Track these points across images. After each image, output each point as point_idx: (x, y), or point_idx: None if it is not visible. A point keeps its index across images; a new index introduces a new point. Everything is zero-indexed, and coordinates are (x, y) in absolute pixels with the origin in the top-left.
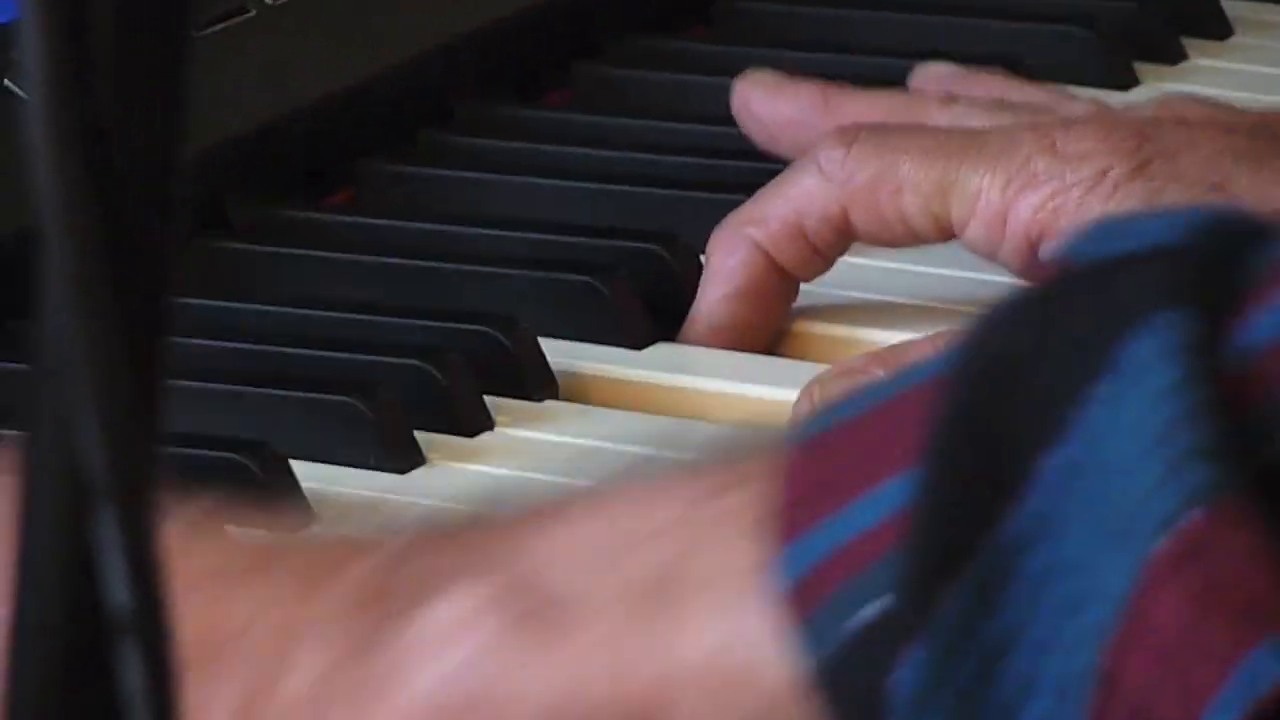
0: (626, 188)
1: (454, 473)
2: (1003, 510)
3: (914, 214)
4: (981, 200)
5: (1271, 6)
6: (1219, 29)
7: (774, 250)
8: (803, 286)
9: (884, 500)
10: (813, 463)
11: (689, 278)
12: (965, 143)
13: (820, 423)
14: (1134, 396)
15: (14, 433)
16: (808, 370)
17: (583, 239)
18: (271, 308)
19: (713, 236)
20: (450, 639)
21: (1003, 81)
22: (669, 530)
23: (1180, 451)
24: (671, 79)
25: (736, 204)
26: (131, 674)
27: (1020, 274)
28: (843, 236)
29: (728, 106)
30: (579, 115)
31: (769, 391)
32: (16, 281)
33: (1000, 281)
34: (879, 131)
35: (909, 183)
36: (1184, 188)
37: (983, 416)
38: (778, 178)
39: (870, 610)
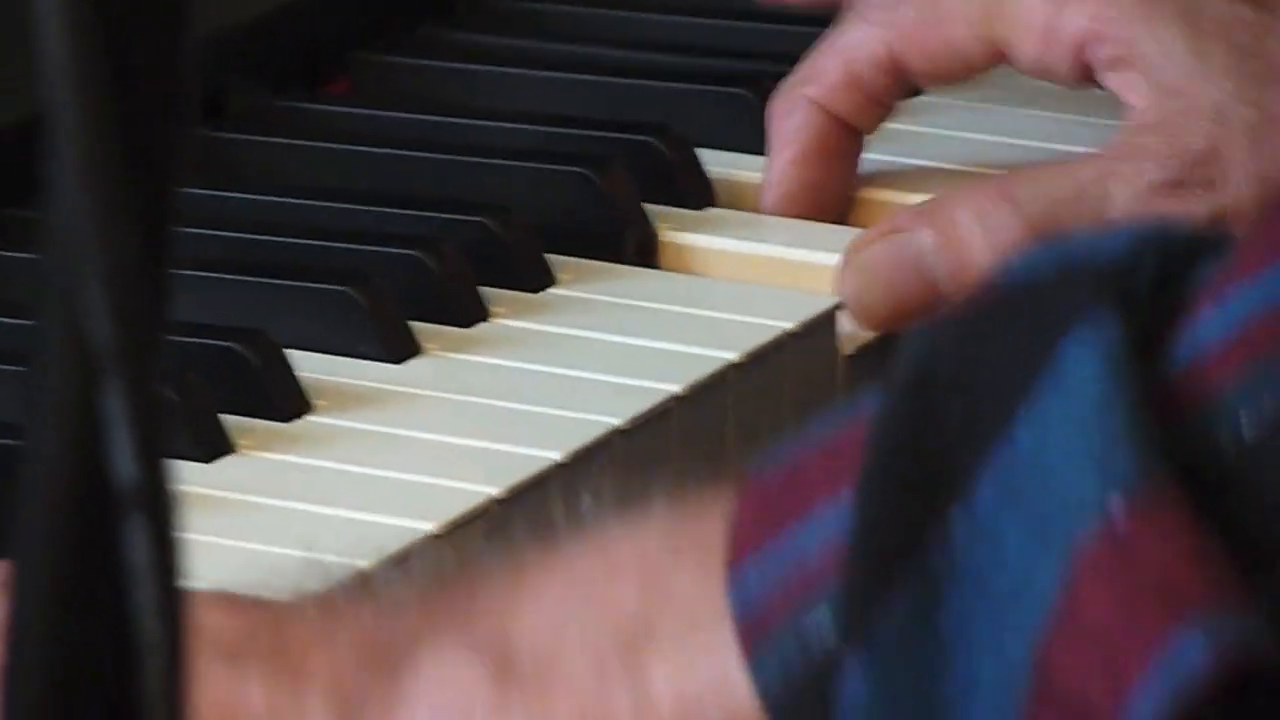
0: (621, 80)
1: (449, 363)
2: (940, 520)
3: (963, 42)
4: (1028, 16)
5: None
6: None
7: (831, 104)
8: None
9: (823, 524)
10: (758, 495)
11: (683, 167)
12: None
13: (770, 457)
14: (1065, 398)
15: (19, 320)
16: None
17: (577, 130)
18: (268, 197)
19: (770, 103)
20: (436, 695)
21: None
22: (627, 573)
23: (1104, 443)
24: None
25: (731, 96)
26: (137, 547)
27: (1073, 86)
28: (896, 80)
29: (721, 1)
30: (575, 8)
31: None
32: (19, 171)
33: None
34: None
35: (954, 13)
36: (1224, 3)
37: (917, 430)
38: (827, 37)
39: (816, 637)
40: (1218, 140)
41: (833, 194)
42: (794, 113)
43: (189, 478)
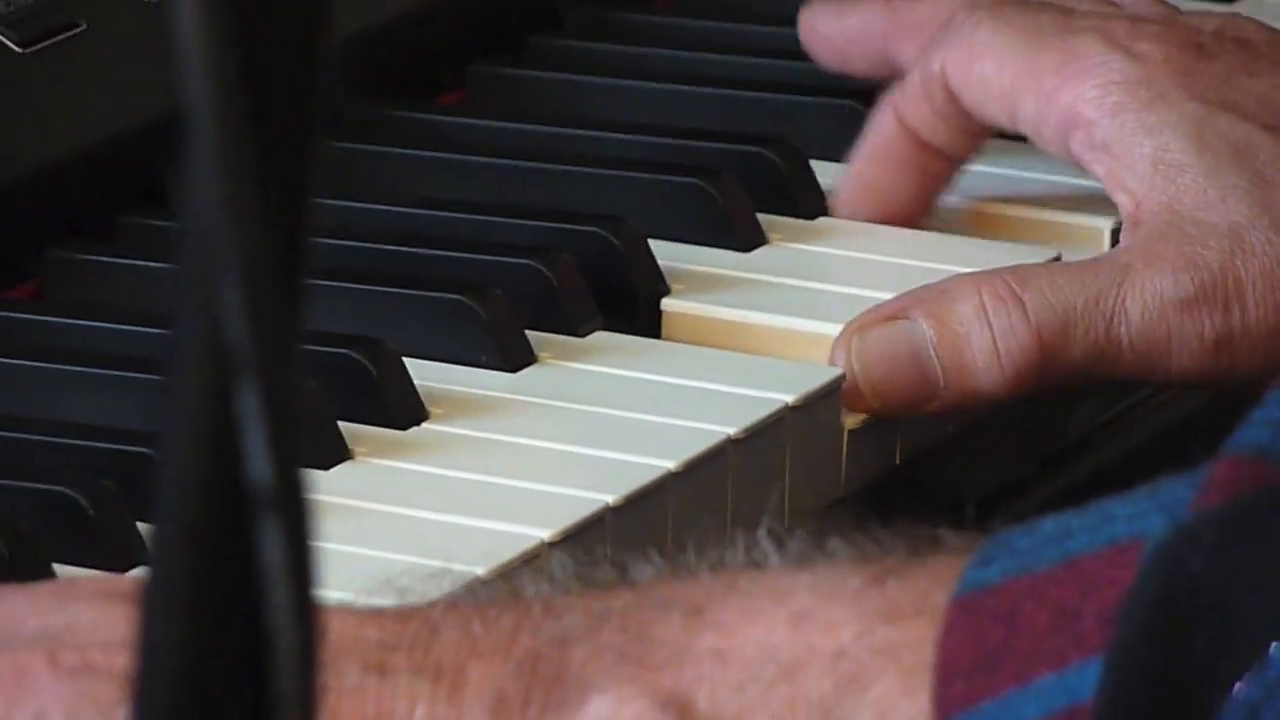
0: (734, 91)
1: (564, 371)
2: None
3: (991, 81)
4: (1034, 79)
5: None
6: None
7: (903, 110)
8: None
9: (1045, 696)
10: (973, 632)
11: (797, 179)
12: (1046, 23)
13: (984, 573)
14: None
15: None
16: (915, 271)
17: (691, 141)
18: (384, 207)
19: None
20: None
21: None
22: (825, 661)
23: None
24: None
25: (841, 109)
26: (272, 547)
27: (1056, 155)
28: (950, 96)
29: None
30: (687, 20)
31: (874, 294)
32: (139, 178)
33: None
34: (998, 2)
35: (992, 51)
36: (1235, 119)
37: (1169, 641)
38: None
39: None
40: (1236, 263)
41: (901, 203)
42: (880, 113)
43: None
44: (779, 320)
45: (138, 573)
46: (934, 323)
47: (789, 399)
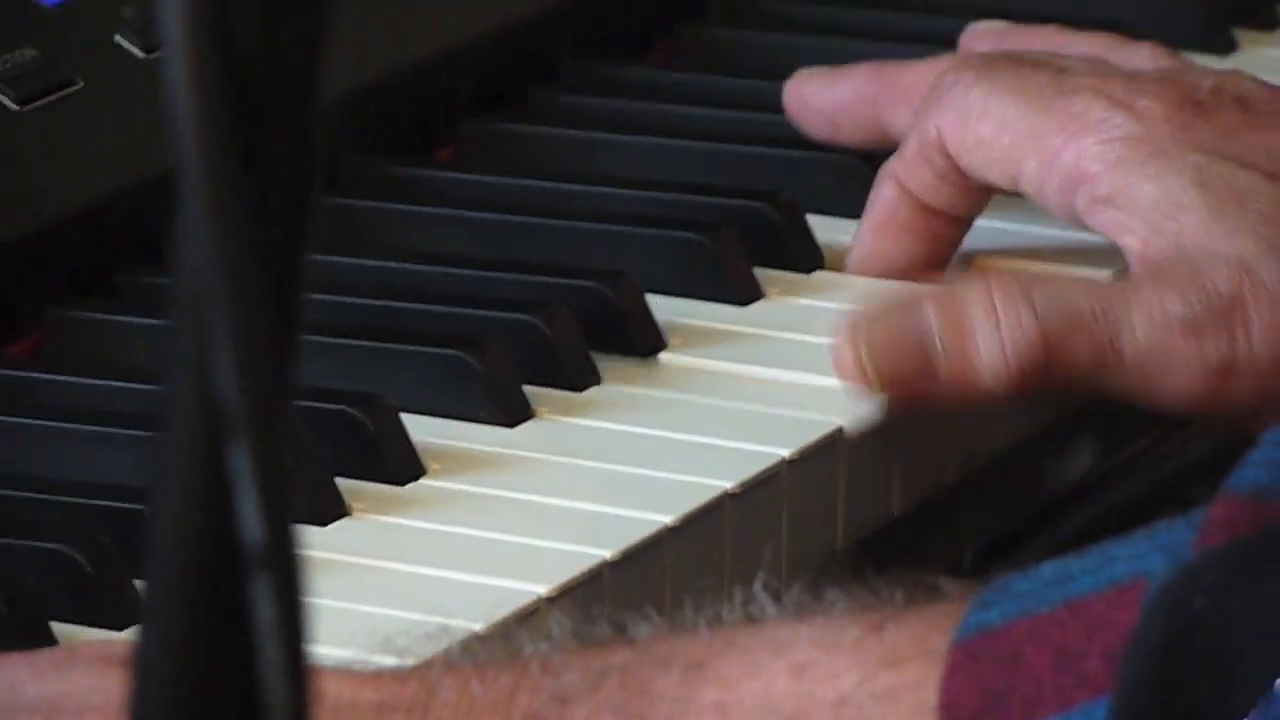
0: (731, 146)
1: (562, 426)
2: None
3: (989, 143)
4: (1035, 140)
5: None
6: None
7: (904, 178)
8: None
9: None
10: (980, 668)
11: (793, 233)
12: (1044, 84)
13: (984, 616)
14: None
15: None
16: None
17: (688, 196)
18: (381, 262)
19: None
20: None
21: (1056, 33)
22: (827, 710)
23: None
24: (777, 39)
25: (841, 161)
26: (264, 605)
27: (1063, 218)
28: (950, 160)
29: (835, 65)
30: (684, 74)
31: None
32: (138, 235)
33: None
34: (987, 63)
35: (988, 113)
36: (1236, 167)
37: (1174, 681)
38: None
39: None
40: (1243, 288)
41: (909, 269)
42: (881, 182)
43: (304, 541)
44: (776, 374)
45: (134, 631)
46: (941, 311)
47: (786, 453)
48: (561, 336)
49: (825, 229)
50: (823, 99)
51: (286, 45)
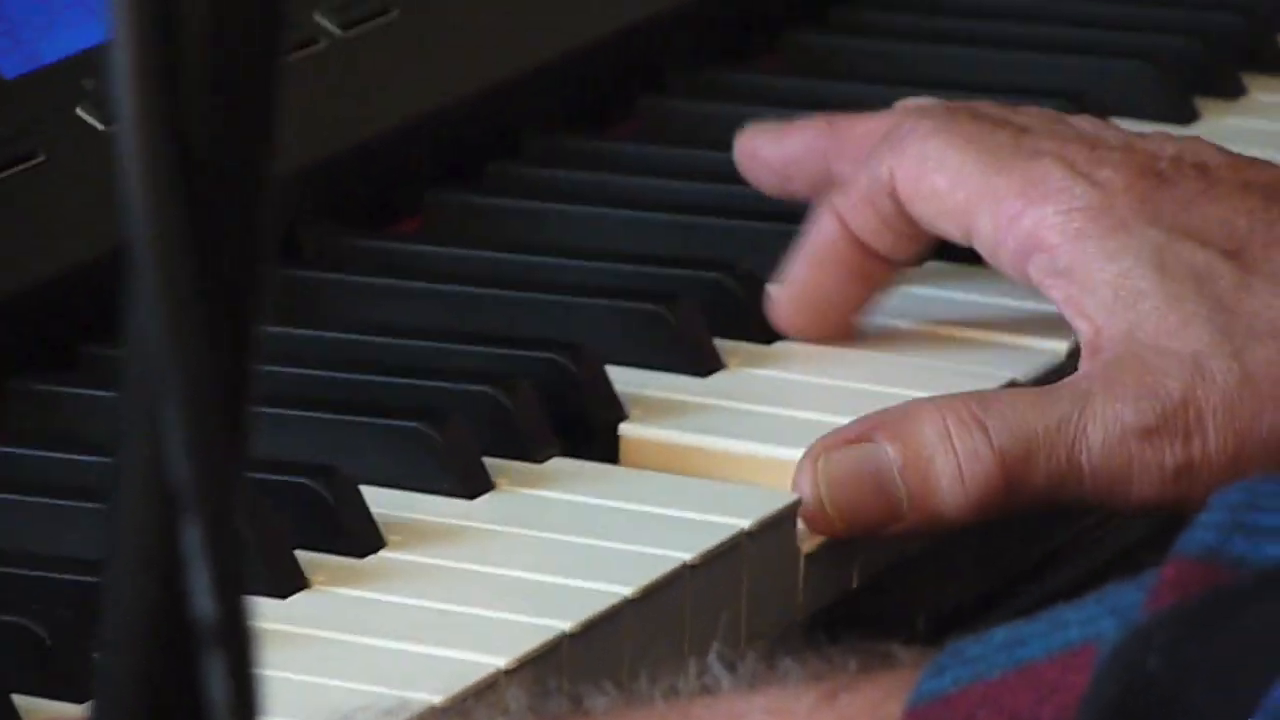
0: (690, 217)
1: (522, 499)
2: None
3: (943, 195)
4: (992, 200)
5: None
6: (1278, 63)
7: (848, 215)
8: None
9: None
10: None
11: (753, 305)
12: (1003, 142)
13: (937, 683)
14: None
15: (107, 459)
16: (871, 396)
17: (648, 268)
18: (342, 334)
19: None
20: None
21: (998, 108)
22: None
23: None
24: (735, 110)
25: (797, 234)
26: (216, 683)
27: (1013, 278)
28: (899, 206)
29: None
30: (643, 146)
31: (834, 419)
32: (97, 309)
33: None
34: (946, 111)
35: (945, 164)
36: (1195, 246)
37: None
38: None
39: None
40: (1196, 391)
41: (838, 306)
42: (822, 214)
43: (264, 613)
44: (736, 445)
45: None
46: (898, 445)
47: (746, 524)
48: (521, 408)
49: (769, 303)
50: (773, 153)
51: (237, 126)
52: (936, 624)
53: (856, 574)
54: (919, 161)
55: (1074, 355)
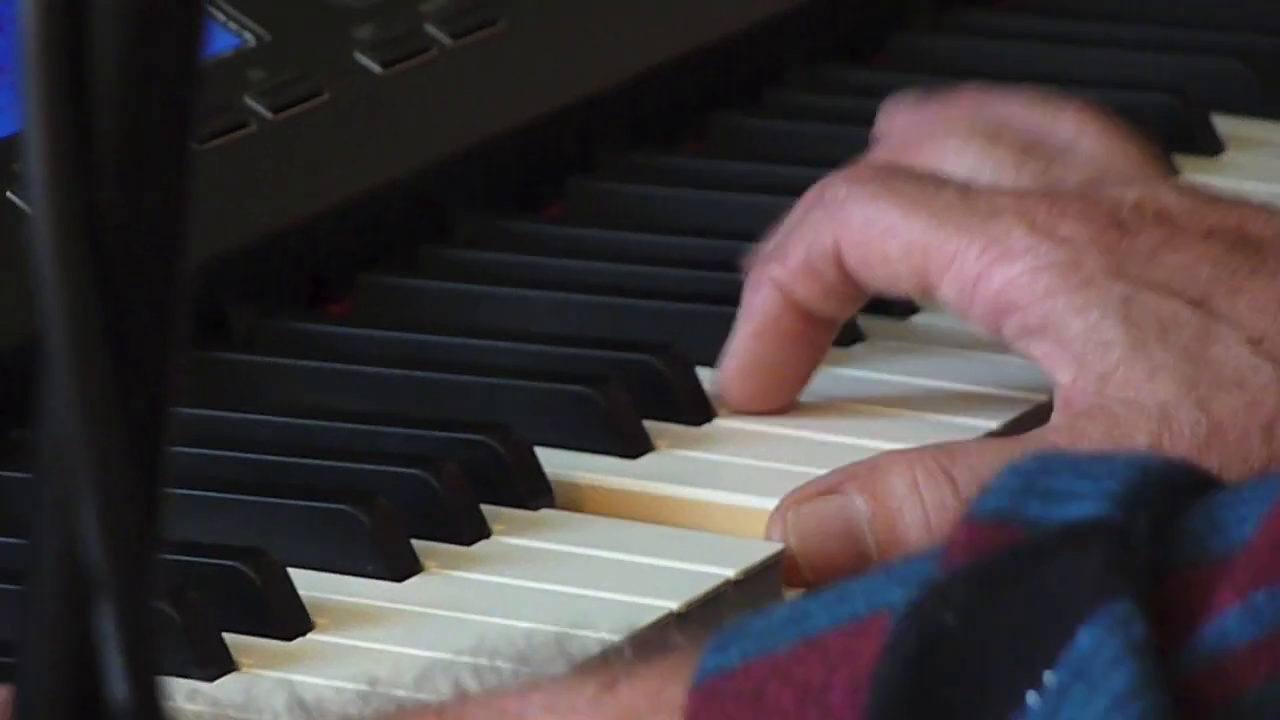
0: (621, 299)
1: (451, 581)
2: None
3: (897, 261)
4: (956, 263)
5: (1263, 123)
6: (1211, 145)
7: (789, 286)
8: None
9: None
10: (722, 708)
11: (683, 387)
12: (953, 201)
13: (722, 659)
14: (1089, 696)
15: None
16: (799, 476)
17: (578, 350)
18: (271, 417)
19: (748, 274)
20: None
21: (978, 94)
22: None
23: None
24: (665, 193)
25: (728, 315)
26: None
27: (989, 334)
28: (844, 273)
29: (720, 220)
30: (575, 229)
31: (760, 502)
32: (20, 392)
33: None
34: (884, 174)
35: (895, 230)
36: (1160, 296)
37: (926, 696)
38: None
39: None
40: (1163, 443)
41: (787, 376)
42: (758, 289)
43: (192, 696)
44: (666, 527)
45: None
46: (868, 497)
47: (675, 605)
48: (450, 490)
49: (714, 381)
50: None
51: (150, 215)
52: None
53: None
54: (865, 229)
55: (1005, 430)
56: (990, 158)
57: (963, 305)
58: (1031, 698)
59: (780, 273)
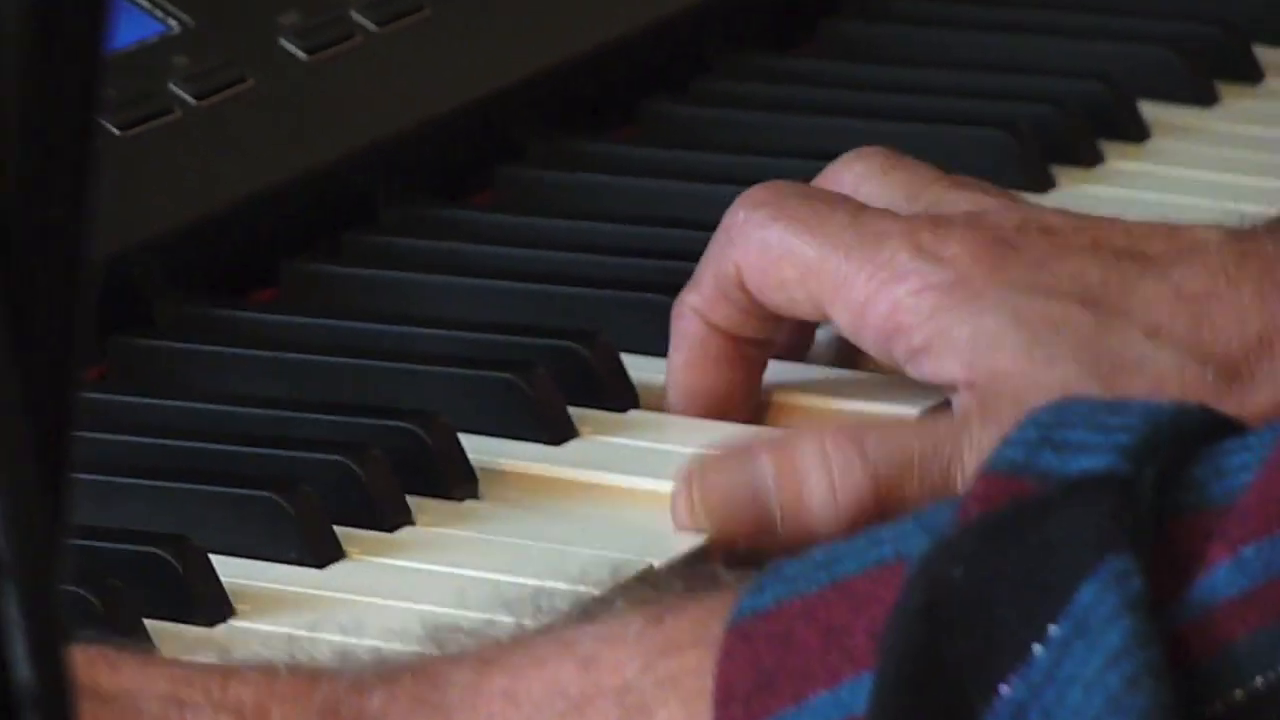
0: (547, 286)
1: (373, 567)
2: None
3: (791, 285)
4: (845, 287)
5: (1189, 110)
6: (1136, 132)
7: (707, 312)
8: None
9: (828, 711)
10: (748, 654)
11: (608, 374)
12: (844, 226)
13: (757, 600)
14: (1088, 651)
15: None
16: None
17: (504, 336)
18: (196, 404)
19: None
20: None
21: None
22: (611, 696)
23: (1121, 688)
24: (593, 180)
25: (655, 303)
26: None
27: (879, 359)
28: (752, 296)
29: (648, 207)
30: (501, 216)
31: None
32: None
33: None
34: (778, 197)
35: (789, 254)
36: (1049, 299)
37: (934, 648)
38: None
39: None
40: None
41: (730, 396)
42: (680, 318)
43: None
44: (590, 514)
45: None
46: (774, 460)
47: (597, 592)
48: (373, 477)
49: (640, 368)
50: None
51: (50, 199)
52: None
53: None
54: (762, 253)
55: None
56: (884, 189)
57: (854, 330)
58: (1037, 649)
59: (697, 300)
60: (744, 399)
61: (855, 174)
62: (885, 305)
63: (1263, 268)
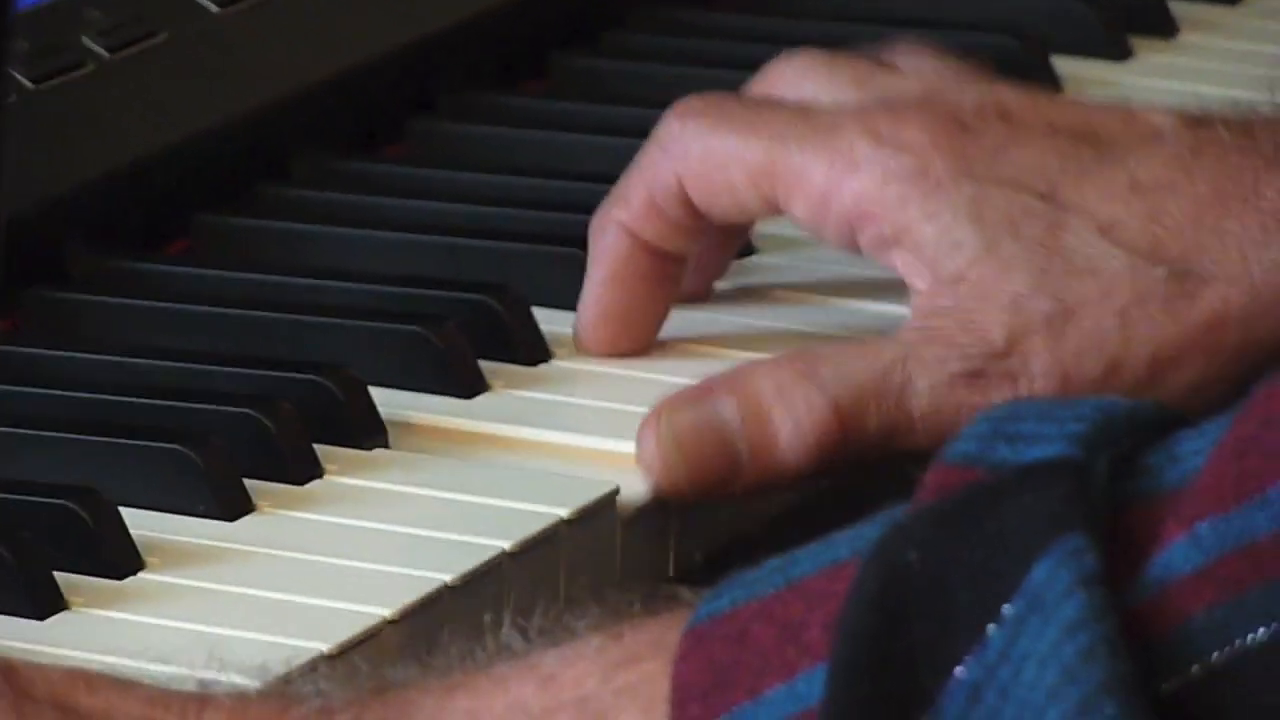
0: (459, 240)
1: (283, 520)
2: None
3: (742, 189)
4: (803, 181)
5: (1103, 64)
6: (1049, 88)
7: (637, 227)
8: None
9: (774, 706)
10: (704, 655)
11: (519, 327)
12: (791, 120)
13: (714, 605)
14: (1042, 626)
15: None
16: (634, 417)
17: (415, 290)
18: (106, 357)
19: (591, 221)
20: None
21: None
22: (572, 709)
23: (1090, 690)
24: (505, 133)
25: (567, 256)
26: None
27: (843, 250)
28: (690, 209)
29: (559, 160)
30: (413, 169)
31: (595, 442)
32: None
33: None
34: (715, 104)
35: (736, 157)
36: (1009, 192)
37: (888, 634)
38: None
39: None
40: (1016, 333)
41: (645, 316)
42: (605, 233)
43: (22, 635)
44: (500, 466)
45: None
46: (737, 400)
47: (507, 545)
48: (283, 430)
49: (551, 321)
50: None
51: None
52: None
53: (674, 563)
54: (704, 159)
55: None
56: (830, 82)
57: (816, 223)
58: (991, 629)
59: (624, 215)
60: (657, 320)
61: (796, 69)
62: (849, 196)
63: (1218, 156)
